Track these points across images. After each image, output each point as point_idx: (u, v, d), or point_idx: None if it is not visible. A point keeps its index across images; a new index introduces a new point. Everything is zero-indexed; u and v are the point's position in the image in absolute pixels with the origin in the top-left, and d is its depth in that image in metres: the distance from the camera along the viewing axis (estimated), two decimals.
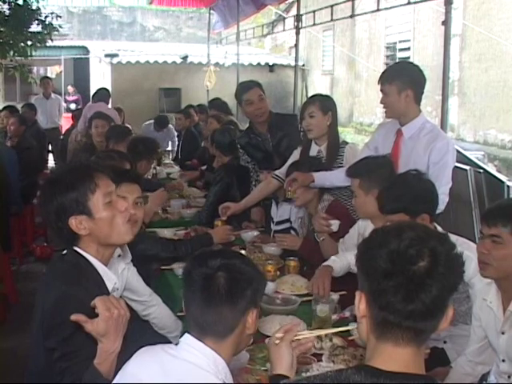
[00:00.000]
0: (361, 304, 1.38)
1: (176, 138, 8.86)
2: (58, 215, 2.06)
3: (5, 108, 8.18)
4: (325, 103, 3.95)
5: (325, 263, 3.04)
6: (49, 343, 1.95)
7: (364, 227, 3.28)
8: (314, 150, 4.03)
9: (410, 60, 11.16)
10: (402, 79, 3.33)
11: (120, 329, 1.86)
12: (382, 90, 3.42)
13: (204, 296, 1.68)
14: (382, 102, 3.45)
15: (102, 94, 8.51)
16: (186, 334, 1.72)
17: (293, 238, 3.66)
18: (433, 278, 1.28)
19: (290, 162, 4.03)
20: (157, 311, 2.78)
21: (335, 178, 3.65)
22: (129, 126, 7.43)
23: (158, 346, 1.73)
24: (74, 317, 1.82)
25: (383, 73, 3.48)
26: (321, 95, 4.25)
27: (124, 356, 1.80)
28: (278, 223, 4.24)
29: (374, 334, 1.36)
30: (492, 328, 2.39)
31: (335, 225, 3.38)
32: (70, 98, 16.79)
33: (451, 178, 3.35)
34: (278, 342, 1.85)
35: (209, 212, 4.42)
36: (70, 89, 16.81)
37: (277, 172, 4.11)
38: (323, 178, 3.66)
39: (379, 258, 1.31)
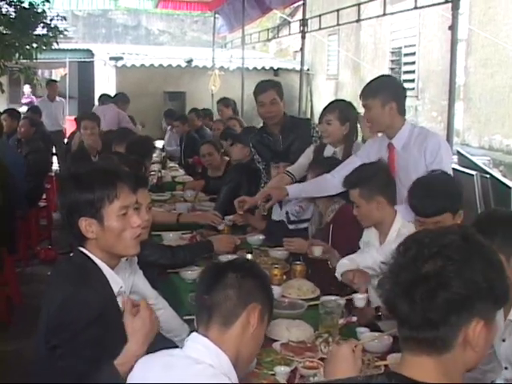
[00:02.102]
0: None
1: None
2: (70, 212, 2.06)
3: (5, 111, 8.17)
4: (344, 113, 3.94)
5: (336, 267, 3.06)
6: (51, 341, 1.93)
7: (368, 235, 3.27)
8: (329, 151, 4.04)
9: (416, 65, 11.17)
10: (384, 92, 3.34)
11: (150, 334, 1.92)
12: (364, 106, 3.41)
13: (214, 279, 1.77)
14: (365, 117, 3.45)
15: (119, 98, 8.58)
16: (193, 333, 1.75)
17: (300, 242, 3.64)
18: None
19: (301, 159, 4.06)
20: (163, 314, 2.76)
21: (310, 189, 3.69)
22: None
23: (160, 352, 1.74)
24: (126, 299, 1.95)
25: (364, 88, 3.47)
26: (343, 102, 4.22)
27: None
28: (299, 222, 4.24)
29: (401, 344, 1.35)
30: (496, 337, 2.38)
31: (318, 251, 3.40)
32: (24, 100, 16.08)
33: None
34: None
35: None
36: (28, 90, 16.03)
37: (289, 168, 4.12)
38: (298, 191, 3.73)
39: None
